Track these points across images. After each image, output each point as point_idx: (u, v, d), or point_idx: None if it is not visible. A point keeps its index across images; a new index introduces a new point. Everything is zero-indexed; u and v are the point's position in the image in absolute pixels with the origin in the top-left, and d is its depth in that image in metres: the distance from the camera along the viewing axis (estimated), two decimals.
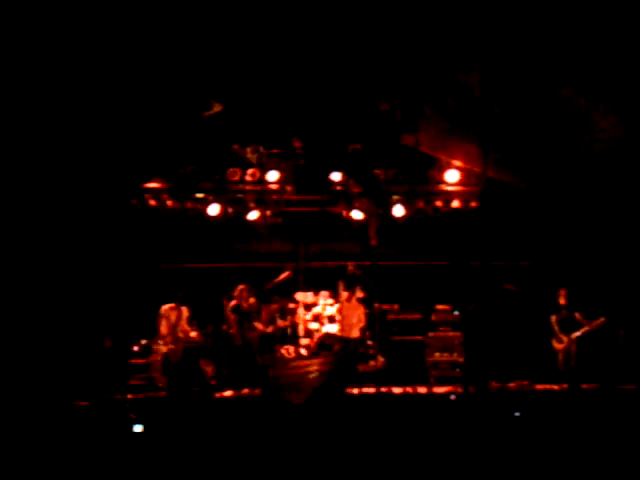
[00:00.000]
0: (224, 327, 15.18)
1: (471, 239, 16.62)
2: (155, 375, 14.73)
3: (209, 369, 14.98)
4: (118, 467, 8.55)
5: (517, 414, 10.27)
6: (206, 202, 16.26)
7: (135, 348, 15.16)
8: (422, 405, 12.63)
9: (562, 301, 14.64)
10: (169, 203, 16.20)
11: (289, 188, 16.42)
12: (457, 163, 16.33)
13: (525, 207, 16.23)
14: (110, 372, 14.33)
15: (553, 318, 14.67)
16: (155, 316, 14.93)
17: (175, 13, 13.84)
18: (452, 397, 13.40)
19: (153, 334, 15.05)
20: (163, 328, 14.78)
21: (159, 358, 14.76)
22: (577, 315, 14.51)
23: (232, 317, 15.10)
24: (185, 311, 14.91)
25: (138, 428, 9.70)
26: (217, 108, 15.47)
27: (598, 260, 15.63)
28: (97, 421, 10.42)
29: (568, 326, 14.55)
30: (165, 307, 14.85)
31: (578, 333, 14.43)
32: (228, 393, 14.38)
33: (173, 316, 14.80)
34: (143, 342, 15.21)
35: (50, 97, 14.11)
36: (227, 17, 13.99)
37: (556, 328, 14.61)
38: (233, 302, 15.11)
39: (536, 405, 11.78)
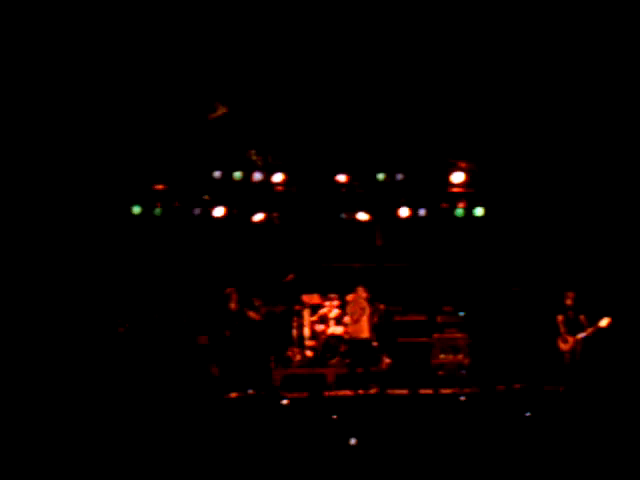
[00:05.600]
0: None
1: (477, 240, 16.66)
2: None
3: (214, 370, 15.03)
4: (123, 467, 8.58)
5: (528, 414, 10.29)
6: (211, 204, 16.30)
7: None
8: (427, 406, 12.59)
9: (569, 302, 14.61)
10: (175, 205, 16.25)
11: (294, 190, 16.45)
12: (463, 165, 16.36)
13: (530, 209, 16.22)
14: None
15: (559, 318, 14.64)
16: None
17: (181, 16, 13.89)
18: (461, 398, 13.39)
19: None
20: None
21: None
22: (582, 317, 14.49)
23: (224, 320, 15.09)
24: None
25: None
26: (222, 110, 15.49)
27: (604, 261, 15.60)
28: (101, 421, 10.44)
29: (574, 327, 14.53)
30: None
31: (584, 334, 14.41)
32: (234, 394, 14.42)
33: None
34: None
35: (54, 102, 14.17)
36: (232, 20, 14.03)
37: (562, 328, 14.59)
38: (225, 306, 15.09)
39: (542, 406, 11.75)
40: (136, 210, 15.88)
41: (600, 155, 15.23)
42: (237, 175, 16.01)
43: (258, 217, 16.51)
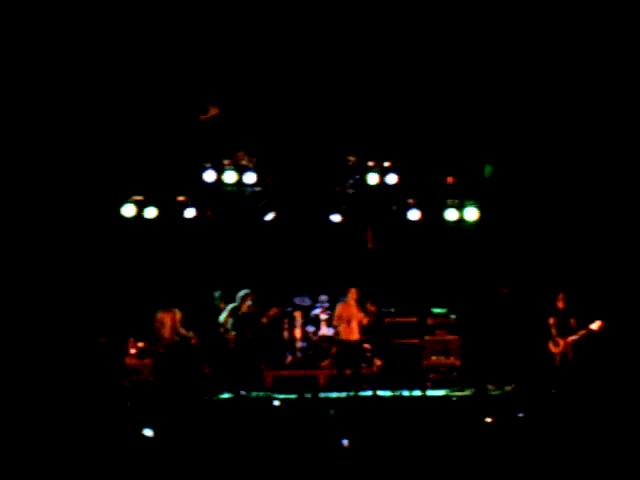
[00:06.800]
0: (220, 330, 15.17)
1: (468, 242, 16.68)
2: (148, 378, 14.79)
3: (206, 371, 15.01)
4: (113, 468, 8.56)
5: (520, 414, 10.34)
6: (203, 206, 16.28)
7: (132, 351, 15.18)
8: (419, 408, 12.59)
9: (560, 305, 14.62)
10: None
11: (286, 191, 16.43)
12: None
13: (522, 212, 16.25)
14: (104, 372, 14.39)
15: (551, 321, 14.64)
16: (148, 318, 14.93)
17: (173, 17, 13.90)
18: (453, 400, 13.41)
19: (149, 337, 15.06)
20: (163, 332, 14.74)
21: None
22: (572, 321, 14.51)
23: (229, 320, 15.07)
24: (178, 314, 14.83)
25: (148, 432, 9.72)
26: (214, 112, 15.48)
27: (595, 264, 15.64)
28: (95, 421, 10.41)
29: (565, 329, 14.53)
30: (159, 313, 14.78)
31: (575, 337, 14.42)
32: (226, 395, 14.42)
33: (168, 320, 14.74)
34: (140, 345, 15.21)
35: (42, 103, 14.16)
36: (225, 20, 14.04)
37: (553, 331, 14.58)
38: (234, 305, 15.06)
39: (533, 408, 11.77)
40: (125, 212, 15.80)
41: (590, 156, 15.29)
42: (228, 177, 15.97)
43: (249, 219, 16.50)
